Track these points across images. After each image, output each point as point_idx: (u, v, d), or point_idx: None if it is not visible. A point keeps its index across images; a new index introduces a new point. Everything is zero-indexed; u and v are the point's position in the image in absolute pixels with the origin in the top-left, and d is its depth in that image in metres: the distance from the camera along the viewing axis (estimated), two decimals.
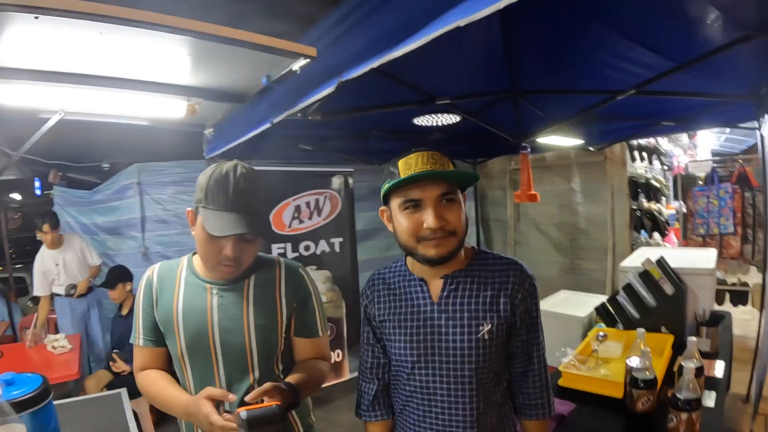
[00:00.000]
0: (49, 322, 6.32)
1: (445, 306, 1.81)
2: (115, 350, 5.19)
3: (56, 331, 5.82)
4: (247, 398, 1.67)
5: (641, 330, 2.88)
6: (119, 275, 5.33)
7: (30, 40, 2.21)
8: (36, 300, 8.90)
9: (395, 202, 1.77)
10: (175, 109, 3.09)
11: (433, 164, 1.71)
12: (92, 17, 1.88)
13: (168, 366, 2.07)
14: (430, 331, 1.81)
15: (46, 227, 5.85)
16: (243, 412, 1.56)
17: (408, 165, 1.72)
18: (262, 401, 1.66)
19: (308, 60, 2.48)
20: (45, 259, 6.04)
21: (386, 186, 1.75)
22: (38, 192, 10.72)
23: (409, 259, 1.93)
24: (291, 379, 1.90)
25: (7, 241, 9.51)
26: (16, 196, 12.22)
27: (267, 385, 1.70)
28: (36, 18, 1.87)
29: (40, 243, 6.00)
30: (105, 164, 8.61)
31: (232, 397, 1.74)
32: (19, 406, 1.83)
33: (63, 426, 2.16)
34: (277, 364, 2.05)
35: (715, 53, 3.05)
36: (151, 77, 2.79)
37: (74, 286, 6.10)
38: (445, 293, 1.82)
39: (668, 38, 3.10)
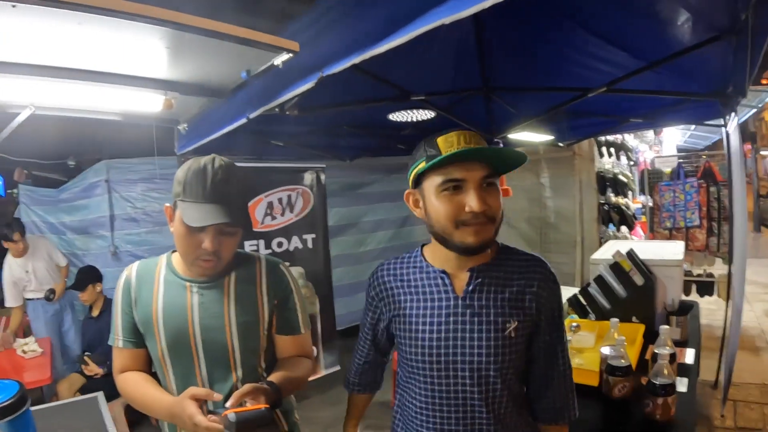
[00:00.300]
0: (20, 327, 6.23)
1: (470, 301, 1.68)
2: (86, 353, 5.11)
3: (26, 335, 5.68)
4: (228, 403, 1.63)
5: (615, 320, 2.95)
6: (89, 276, 5.23)
7: (3, 30, 2.15)
8: (3, 302, 8.79)
9: (431, 183, 1.63)
10: (151, 104, 3.02)
11: (477, 144, 1.60)
12: (70, 6, 1.85)
13: (148, 367, 2.04)
14: (453, 328, 1.67)
15: (17, 236, 5.79)
16: (232, 414, 1.54)
17: (449, 143, 1.60)
18: (244, 403, 1.64)
19: (291, 55, 2.45)
20: (14, 269, 5.96)
21: (422, 165, 1.63)
22: (1, 191, 10.49)
23: (428, 250, 1.84)
24: (273, 377, 1.89)
25: None
26: None
27: (248, 386, 1.69)
28: (14, 6, 1.84)
29: (4, 248, 5.90)
30: (71, 161, 8.46)
31: (217, 396, 1.70)
32: None
33: None
34: (260, 363, 2.03)
35: (684, 53, 3.11)
36: (128, 70, 2.73)
37: (53, 291, 6.04)
38: (470, 287, 1.69)
39: (639, 38, 3.17)
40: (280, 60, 2.50)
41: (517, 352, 1.70)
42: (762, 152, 22.59)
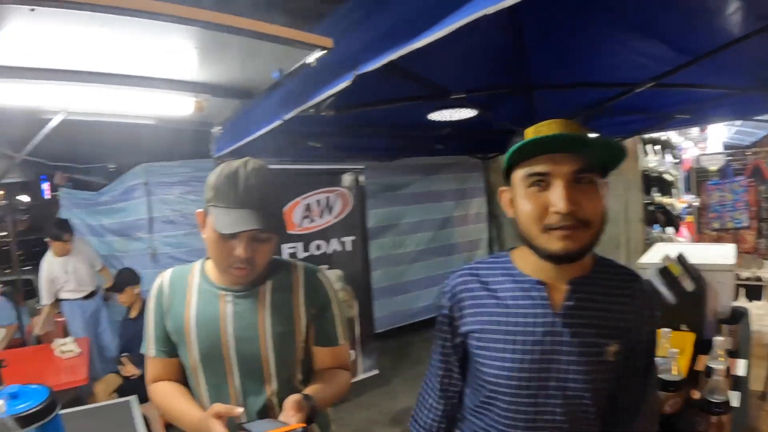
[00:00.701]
0: (57, 325, 6.30)
1: (570, 318, 1.46)
2: (123, 354, 5.11)
3: (65, 335, 5.70)
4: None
5: (666, 330, 2.80)
6: (127, 279, 5.24)
7: (29, 36, 2.13)
8: None
9: (517, 177, 1.45)
10: (182, 107, 3.00)
11: (575, 131, 1.38)
12: (91, 7, 1.79)
13: (181, 376, 1.99)
14: (550, 349, 1.45)
15: (67, 236, 5.84)
16: None
17: (539, 131, 1.40)
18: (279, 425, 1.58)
19: (324, 52, 2.37)
20: (54, 267, 5.98)
21: (508, 153, 1.42)
22: (45, 194, 10.74)
23: (519, 255, 1.58)
24: (310, 390, 1.83)
25: (15, 243, 9.53)
26: (24, 198, 12.22)
27: (291, 399, 1.64)
28: (32, 10, 1.79)
29: (46, 247, 5.94)
30: (111, 165, 8.57)
31: (239, 411, 1.65)
32: (24, 420, 1.74)
33: None
34: (296, 375, 1.96)
35: (731, 45, 2.97)
36: (157, 73, 2.71)
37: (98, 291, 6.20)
38: (571, 302, 1.47)
39: (683, 30, 3.02)
40: (313, 58, 2.43)
41: (612, 379, 1.48)
42: None
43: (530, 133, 1.42)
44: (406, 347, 7.48)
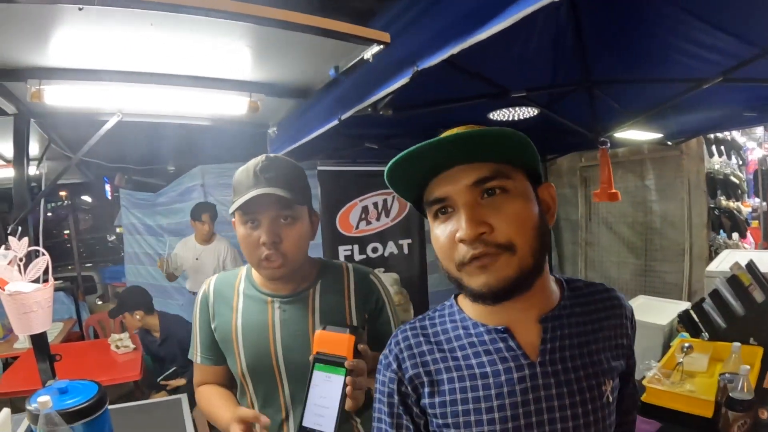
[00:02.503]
0: (115, 322, 6.38)
1: (552, 365, 1.16)
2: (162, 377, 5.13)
3: (122, 331, 5.79)
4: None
5: (737, 344, 2.68)
6: (130, 300, 5.22)
7: (81, 38, 2.13)
8: (104, 298, 9.17)
9: (428, 210, 1.18)
10: (236, 106, 2.99)
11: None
12: (140, 4, 1.79)
13: (228, 382, 2.00)
14: (535, 410, 1.14)
15: (205, 217, 5.81)
16: None
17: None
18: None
19: (381, 47, 2.30)
20: (188, 247, 5.97)
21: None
22: (108, 195, 11.05)
23: (467, 301, 1.26)
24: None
25: (76, 241, 9.83)
26: (87, 199, 12.56)
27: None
28: (80, 9, 1.78)
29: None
30: (170, 167, 8.72)
31: (265, 420, 1.59)
32: (72, 415, 1.78)
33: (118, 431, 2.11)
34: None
35: None
36: (210, 73, 2.70)
37: None
38: (548, 345, 1.18)
39: (750, 21, 2.91)
40: (370, 53, 2.36)
41: (613, 414, 1.24)
42: None
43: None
44: None
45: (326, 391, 1.48)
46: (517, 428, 1.13)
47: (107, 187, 10.95)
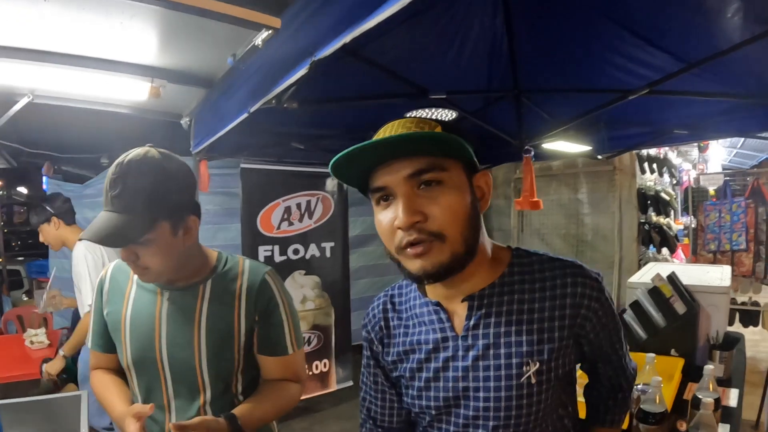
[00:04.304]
0: (35, 317, 6.22)
1: (473, 340, 1.28)
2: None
3: (39, 327, 5.59)
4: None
5: (651, 355, 2.67)
6: None
7: None
8: (29, 294, 8.90)
9: (371, 197, 1.27)
10: (137, 91, 2.91)
11: (409, 130, 1.20)
12: None
13: (120, 369, 1.90)
14: (452, 376, 1.29)
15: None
16: None
17: (377, 136, 1.22)
18: None
19: (271, 32, 2.24)
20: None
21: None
22: (46, 186, 10.76)
23: None
24: (238, 410, 1.69)
25: (2, 233, 9.55)
26: (23, 190, 12.24)
27: (195, 420, 1.50)
28: None
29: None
30: (104, 159, 8.50)
31: (148, 408, 1.55)
32: None
33: (8, 428, 2.12)
34: (235, 385, 1.83)
35: (731, 51, 2.83)
36: (110, 55, 2.63)
37: None
38: (472, 322, 1.28)
39: (680, 36, 2.95)
40: (260, 39, 2.31)
41: (543, 401, 1.27)
42: None
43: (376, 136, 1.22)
44: None
45: None
46: (437, 388, 1.32)
47: (45, 179, 10.74)
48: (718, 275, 3.98)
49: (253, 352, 1.85)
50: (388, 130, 1.21)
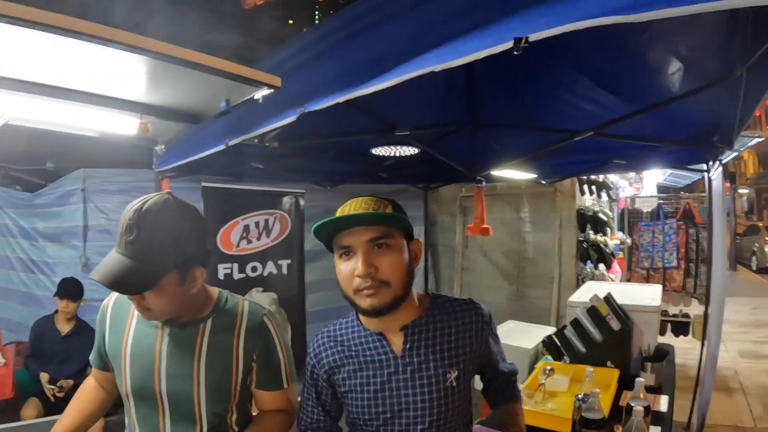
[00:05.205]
0: None
1: (410, 359, 1.72)
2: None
3: None
4: None
5: (590, 369, 2.93)
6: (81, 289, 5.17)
7: None
8: None
9: (335, 251, 1.69)
10: (126, 126, 2.96)
11: (366, 209, 1.63)
12: (42, 27, 1.75)
13: (113, 388, 2.03)
14: (395, 386, 1.72)
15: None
16: None
17: (343, 210, 1.65)
18: None
19: (272, 90, 2.35)
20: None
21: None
22: None
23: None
24: None
25: None
26: None
27: None
28: None
29: None
30: (50, 165, 8.31)
31: None
32: None
33: None
34: (230, 417, 1.93)
35: (673, 101, 3.08)
36: (103, 91, 2.64)
37: None
38: (407, 345, 1.73)
39: (628, 82, 3.13)
40: (260, 94, 2.41)
41: (460, 398, 1.77)
42: (740, 190, 22.81)
43: (339, 210, 1.67)
44: None
45: None
46: (383, 398, 1.72)
47: None
48: (650, 295, 4.29)
49: (249, 387, 1.94)
50: (353, 206, 1.64)
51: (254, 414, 2.04)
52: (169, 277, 1.70)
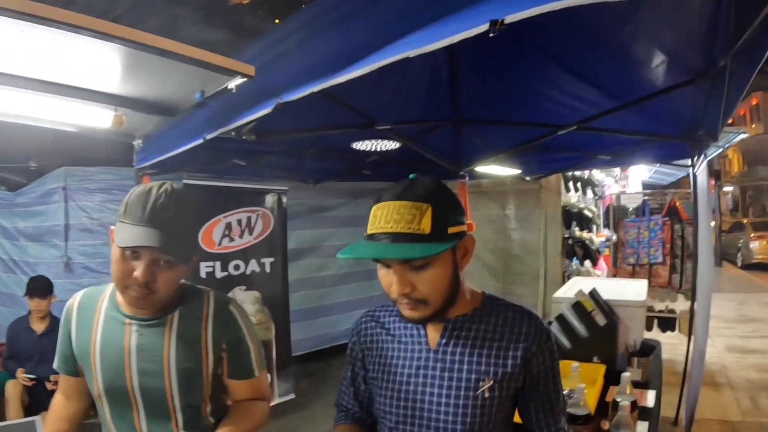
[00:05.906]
0: None
1: (443, 354, 1.57)
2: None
3: None
4: None
5: (575, 364, 2.88)
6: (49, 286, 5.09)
7: None
8: None
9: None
10: (101, 119, 2.90)
11: (397, 223, 1.40)
12: (9, 13, 1.71)
13: (87, 395, 1.95)
14: (422, 382, 1.57)
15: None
16: None
17: (375, 218, 1.45)
18: None
19: (245, 79, 2.32)
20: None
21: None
22: None
23: None
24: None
25: None
26: None
27: None
28: None
29: None
30: (33, 164, 8.25)
31: None
32: None
33: None
34: (204, 409, 1.90)
35: (657, 95, 3.08)
36: (76, 82, 2.59)
37: None
38: (444, 340, 1.59)
39: (611, 77, 3.13)
40: (234, 84, 2.38)
41: (491, 415, 1.53)
42: (725, 188, 23.00)
43: (371, 215, 1.48)
44: (325, 371, 7.43)
45: None
46: (406, 392, 1.60)
47: None
48: (635, 290, 4.26)
49: (221, 377, 1.91)
50: (384, 215, 1.43)
51: (229, 404, 2.01)
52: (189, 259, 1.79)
